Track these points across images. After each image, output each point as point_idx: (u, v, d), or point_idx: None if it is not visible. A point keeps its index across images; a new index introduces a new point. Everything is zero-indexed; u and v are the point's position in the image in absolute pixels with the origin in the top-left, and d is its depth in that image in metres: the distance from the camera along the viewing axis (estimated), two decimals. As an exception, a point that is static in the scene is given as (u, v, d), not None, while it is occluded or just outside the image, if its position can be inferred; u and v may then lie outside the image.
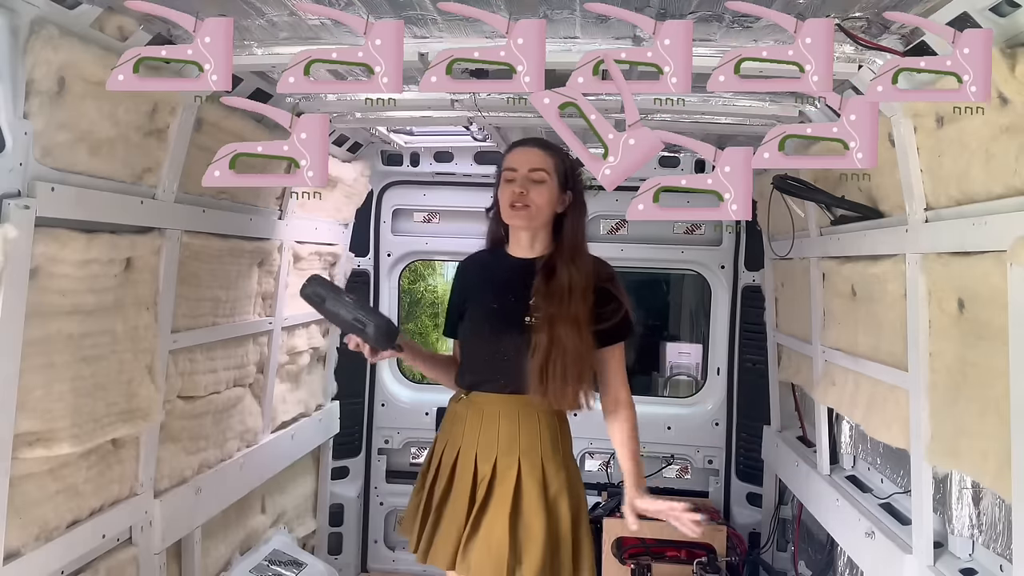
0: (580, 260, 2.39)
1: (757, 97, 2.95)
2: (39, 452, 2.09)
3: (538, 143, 2.45)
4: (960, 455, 2.17)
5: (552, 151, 2.41)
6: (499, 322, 2.40)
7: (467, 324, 2.50)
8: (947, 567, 2.39)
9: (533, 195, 2.35)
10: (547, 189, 2.36)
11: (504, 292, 2.44)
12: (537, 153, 2.39)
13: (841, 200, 2.91)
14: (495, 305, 2.44)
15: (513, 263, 2.48)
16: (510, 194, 2.36)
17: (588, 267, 2.39)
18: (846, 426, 3.49)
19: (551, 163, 2.38)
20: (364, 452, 4.88)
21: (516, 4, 2.07)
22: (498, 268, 2.51)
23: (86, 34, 2.03)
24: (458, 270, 2.68)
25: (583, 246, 2.43)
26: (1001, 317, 1.87)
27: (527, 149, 2.41)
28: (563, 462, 2.42)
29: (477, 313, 2.47)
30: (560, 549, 2.33)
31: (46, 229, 2.00)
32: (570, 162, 2.43)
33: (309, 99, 3.13)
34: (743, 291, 4.57)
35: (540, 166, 2.36)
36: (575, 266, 2.36)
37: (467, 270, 2.63)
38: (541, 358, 2.29)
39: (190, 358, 2.88)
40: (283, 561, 3.57)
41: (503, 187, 2.39)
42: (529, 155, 2.39)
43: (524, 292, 2.38)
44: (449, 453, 2.45)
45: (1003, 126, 1.85)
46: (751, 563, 4.30)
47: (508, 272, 2.47)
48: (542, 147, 2.42)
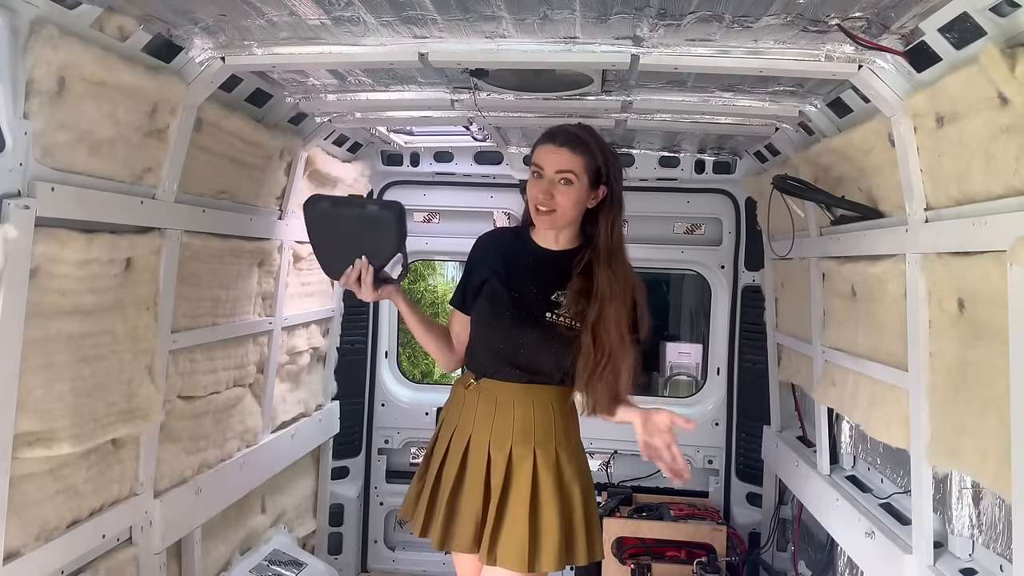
0: (618, 265, 2.36)
1: (757, 97, 2.95)
2: (39, 452, 2.09)
3: (569, 141, 2.34)
4: (960, 455, 2.17)
5: (582, 149, 2.33)
6: (520, 313, 2.37)
7: (484, 307, 2.45)
8: (947, 567, 2.39)
9: (559, 198, 2.31)
10: (574, 191, 2.32)
11: (527, 282, 2.41)
12: (565, 155, 2.31)
13: (841, 200, 2.91)
14: (516, 294, 2.40)
15: (539, 253, 2.45)
16: (535, 195, 2.34)
17: (629, 274, 2.37)
18: (846, 426, 3.49)
19: (580, 163, 2.31)
20: (364, 452, 4.88)
21: (516, 4, 2.07)
22: (523, 254, 2.46)
23: (86, 34, 2.03)
24: (479, 244, 2.58)
25: (620, 248, 2.39)
26: (1001, 317, 1.87)
27: (556, 149, 2.32)
28: (574, 450, 2.46)
29: (497, 299, 2.42)
30: (575, 534, 2.38)
31: (46, 229, 2.00)
32: (604, 157, 2.35)
33: (309, 99, 3.13)
34: (743, 291, 4.57)
35: (567, 168, 2.31)
36: (613, 272, 2.33)
37: (487, 248, 2.55)
38: (590, 364, 2.29)
39: (190, 358, 2.88)
40: (283, 561, 3.57)
41: (531, 182, 2.36)
42: (558, 156, 2.32)
43: (547, 285, 2.37)
44: (459, 439, 2.44)
45: (1003, 126, 1.85)
46: (751, 563, 4.31)
47: (533, 262, 2.44)
48: (572, 146, 2.33)
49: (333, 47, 2.42)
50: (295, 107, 3.18)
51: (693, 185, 4.49)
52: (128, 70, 2.17)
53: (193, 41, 2.38)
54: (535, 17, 2.15)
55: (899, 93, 2.28)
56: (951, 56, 2.00)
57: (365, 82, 2.93)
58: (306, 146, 3.45)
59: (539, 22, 2.19)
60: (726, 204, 4.58)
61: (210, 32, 2.31)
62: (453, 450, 2.45)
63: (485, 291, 2.45)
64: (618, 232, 2.40)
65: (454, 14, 2.14)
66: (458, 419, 2.48)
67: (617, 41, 2.34)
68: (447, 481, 2.43)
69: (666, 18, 2.13)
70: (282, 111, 3.15)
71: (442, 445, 2.49)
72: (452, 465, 2.43)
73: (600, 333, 2.30)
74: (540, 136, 2.41)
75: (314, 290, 4.10)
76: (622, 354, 2.31)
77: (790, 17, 2.06)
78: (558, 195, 2.31)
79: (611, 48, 2.37)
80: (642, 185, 4.42)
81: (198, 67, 2.45)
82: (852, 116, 2.75)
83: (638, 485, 4.67)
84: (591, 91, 2.89)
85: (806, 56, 2.33)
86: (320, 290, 4.18)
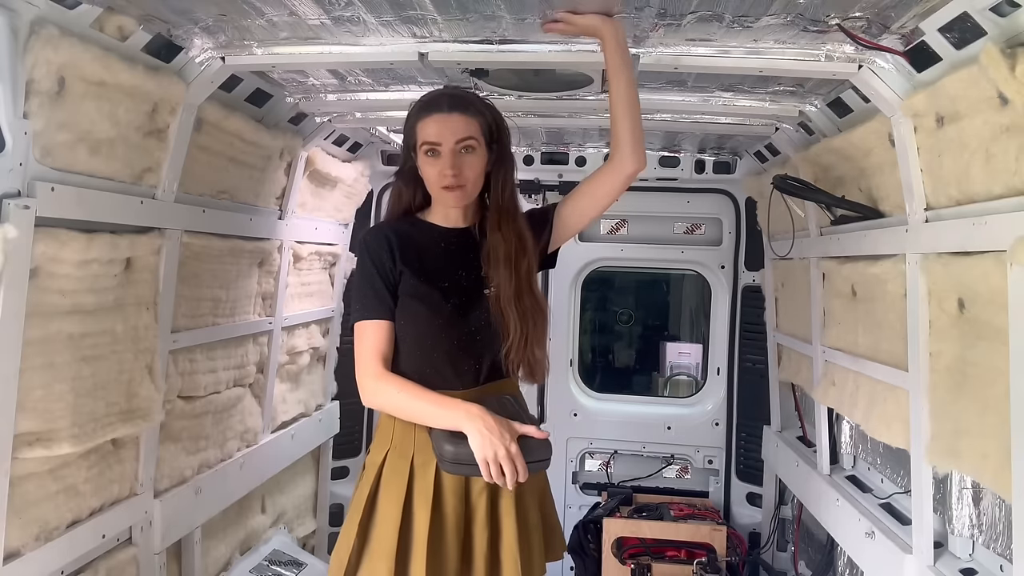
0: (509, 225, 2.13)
1: (757, 97, 2.95)
2: (39, 452, 2.09)
3: (458, 105, 2.07)
4: (960, 455, 2.17)
5: (475, 109, 2.09)
6: (460, 300, 2.09)
7: (414, 308, 2.07)
8: (947, 567, 2.39)
9: (466, 170, 2.05)
10: (478, 157, 2.07)
11: (450, 268, 2.12)
12: (460, 119, 2.04)
13: (841, 200, 2.91)
14: (446, 283, 2.09)
15: (446, 235, 2.17)
16: (439, 174, 2.04)
17: (520, 228, 2.14)
18: (846, 426, 3.49)
19: (476, 125, 2.07)
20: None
21: (516, 4, 2.06)
22: (431, 242, 2.15)
23: (86, 34, 2.02)
24: (373, 244, 2.11)
25: (513, 208, 2.16)
26: (1001, 317, 1.87)
27: (448, 116, 2.04)
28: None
29: (428, 296, 2.07)
30: (531, 537, 2.17)
31: (46, 229, 2.00)
32: (491, 114, 2.12)
33: (309, 99, 3.14)
34: (743, 291, 4.57)
35: (468, 134, 2.04)
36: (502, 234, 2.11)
37: (386, 245, 2.10)
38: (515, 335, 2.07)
39: (190, 358, 2.88)
40: (283, 561, 3.57)
41: (426, 162, 2.06)
42: (453, 123, 2.04)
43: (473, 265, 2.13)
44: (423, 475, 2.06)
45: (1003, 126, 1.85)
46: (751, 563, 4.31)
47: (446, 246, 2.15)
48: (463, 108, 2.07)
49: (333, 47, 2.42)
50: (295, 107, 3.18)
51: (693, 185, 4.49)
52: (128, 70, 2.17)
53: (193, 41, 2.38)
54: (535, 17, 2.15)
55: (899, 93, 2.28)
56: (951, 56, 2.00)
57: (365, 82, 2.93)
58: (306, 146, 3.45)
59: (539, 22, 2.18)
60: (726, 204, 4.58)
61: (210, 32, 2.31)
62: (420, 488, 2.07)
63: (407, 292, 2.07)
64: (510, 190, 2.17)
65: (454, 14, 2.14)
66: (410, 449, 2.08)
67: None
68: (421, 528, 2.05)
69: (666, 18, 2.13)
70: (282, 111, 3.15)
71: (401, 486, 2.08)
72: (424, 507, 2.05)
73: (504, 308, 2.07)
74: (417, 107, 2.10)
75: (314, 290, 4.11)
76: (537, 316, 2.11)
77: (790, 17, 2.06)
78: (465, 168, 2.05)
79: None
80: (642, 185, 4.41)
81: (198, 67, 2.45)
82: (852, 116, 2.75)
83: (638, 485, 4.68)
84: (591, 91, 2.90)
85: (806, 56, 2.34)
86: (320, 290, 4.19)
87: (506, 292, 2.09)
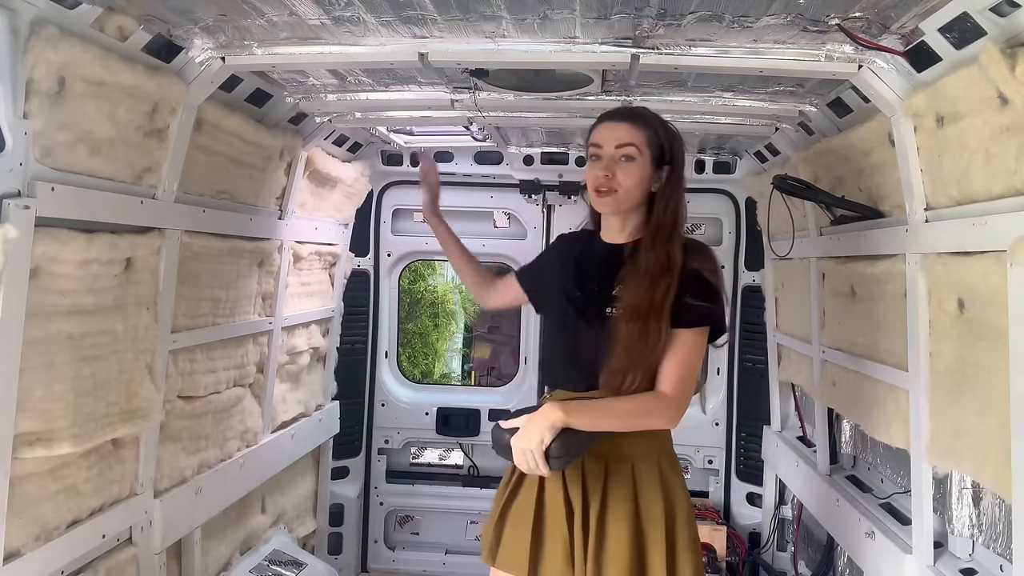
0: (663, 242, 2.10)
1: (757, 97, 2.95)
2: (39, 452, 2.09)
3: (628, 114, 2.18)
4: (960, 455, 2.17)
5: (644, 122, 2.15)
6: (579, 311, 2.16)
7: (548, 310, 2.36)
8: (947, 567, 2.39)
9: (620, 177, 2.10)
10: (637, 167, 2.11)
11: (588, 280, 2.19)
12: (625, 127, 2.12)
13: (841, 200, 2.91)
14: (577, 293, 2.20)
15: (602, 249, 2.24)
16: (594, 177, 2.13)
17: (672, 249, 2.09)
18: (846, 426, 3.49)
19: (642, 136, 2.12)
20: (364, 452, 4.88)
21: (516, 4, 2.07)
22: (588, 254, 2.27)
23: (86, 34, 2.02)
24: (559, 241, 2.49)
25: (670, 228, 2.14)
26: (1001, 317, 1.87)
27: (614, 123, 2.15)
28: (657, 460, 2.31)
29: (558, 301, 2.23)
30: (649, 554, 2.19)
31: (46, 229, 2.00)
32: (666, 133, 2.17)
33: (309, 99, 3.14)
34: (743, 291, 4.57)
35: (628, 140, 2.10)
36: (655, 251, 2.09)
37: (560, 247, 2.43)
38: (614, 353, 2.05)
39: (190, 358, 2.88)
40: (283, 561, 3.57)
41: (589, 167, 2.17)
42: (616, 130, 2.13)
43: (609, 281, 2.13)
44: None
45: (1003, 126, 1.85)
46: (751, 563, 4.31)
47: (596, 259, 2.24)
48: (632, 119, 2.15)
49: (333, 47, 2.42)
50: (295, 107, 3.18)
51: (693, 185, 4.46)
52: (128, 70, 2.17)
53: (193, 41, 2.38)
54: (535, 17, 2.15)
55: (899, 93, 2.28)
56: (951, 56, 2.00)
57: (365, 82, 2.93)
58: (306, 146, 3.45)
59: (539, 22, 2.19)
60: (726, 204, 4.58)
61: (210, 32, 2.31)
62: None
63: (550, 295, 2.29)
64: (673, 209, 2.15)
65: (454, 14, 2.14)
66: None
67: (617, 41, 2.34)
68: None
69: (666, 18, 2.13)
70: (282, 111, 3.15)
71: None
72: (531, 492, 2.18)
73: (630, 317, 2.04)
74: (596, 119, 2.22)
75: (314, 290, 4.11)
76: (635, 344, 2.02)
77: (790, 17, 2.06)
78: (619, 173, 2.10)
79: (611, 48, 2.37)
80: None
81: (198, 67, 2.45)
82: (852, 116, 2.75)
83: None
84: (591, 91, 2.89)
85: (806, 56, 2.33)
86: (320, 290, 4.19)
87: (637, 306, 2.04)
